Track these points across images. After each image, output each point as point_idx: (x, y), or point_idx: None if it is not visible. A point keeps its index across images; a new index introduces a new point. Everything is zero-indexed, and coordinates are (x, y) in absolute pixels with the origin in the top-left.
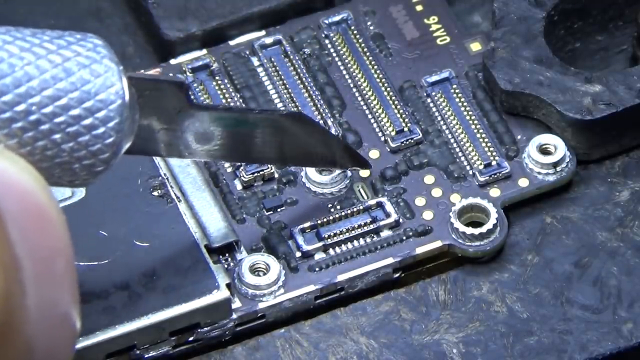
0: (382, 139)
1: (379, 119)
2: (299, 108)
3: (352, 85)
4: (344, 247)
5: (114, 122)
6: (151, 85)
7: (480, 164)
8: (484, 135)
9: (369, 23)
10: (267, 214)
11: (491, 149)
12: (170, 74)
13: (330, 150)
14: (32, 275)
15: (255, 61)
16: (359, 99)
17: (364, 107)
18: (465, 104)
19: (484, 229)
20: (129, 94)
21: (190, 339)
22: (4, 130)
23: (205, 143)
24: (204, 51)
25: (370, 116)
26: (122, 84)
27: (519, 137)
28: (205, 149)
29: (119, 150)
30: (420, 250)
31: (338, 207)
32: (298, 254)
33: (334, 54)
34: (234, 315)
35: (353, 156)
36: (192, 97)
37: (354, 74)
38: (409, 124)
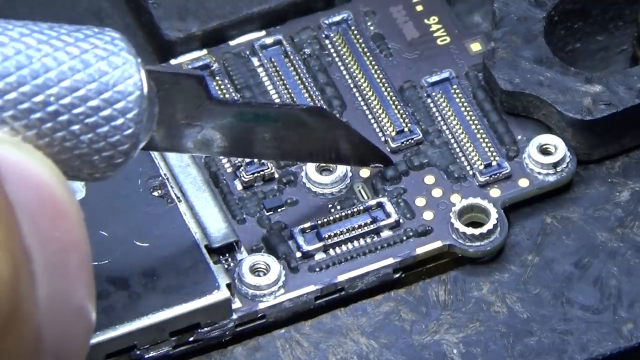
0: (383, 139)
1: (379, 119)
2: None
3: (352, 85)
4: (344, 248)
5: (132, 113)
6: (170, 79)
7: (481, 164)
8: (484, 136)
9: (369, 23)
10: (267, 214)
11: (491, 149)
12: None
13: (352, 146)
14: (43, 267)
15: (255, 61)
16: (359, 99)
17: (364, 108)
18: (465, 104)
19: (484, 229)
20: (148, 86)
21: (191, 339)
22: (22, 121)
23: (224, 139)
24: (204, 51)
25: (370, 116)
26: (140, 76)
27: (519, 137)
28: (225, 145)
29: (138, 142)
30: (420, 250)
31: (338, 207)
32: (298, 254)
33: (334, 54)
34: (234, 316)
35: (374, 152)
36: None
37: (354, 74)
38: (409, 124)
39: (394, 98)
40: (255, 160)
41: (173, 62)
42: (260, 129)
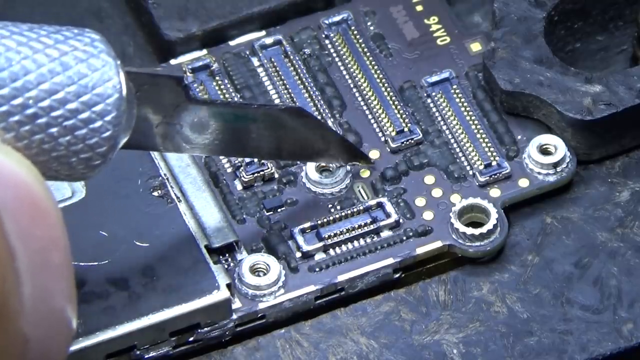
0: (383, 139)
1: (379, 119)
2: None
3: (352, 85)
4: (344, 248)
5: (111, 115)
6: (149, 80)
7: (481, 164)
8: (484, 136)
9: (369, 23)
10: (267, 214)
11: (491, 149)
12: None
13: (330, 144)
14: (27, 265)
15: (255, 61)
16: (359, 99)
17: (364, 108)
18: (465, 104)
19: (484, 229)
20: (127, 87)
21: (191, 339)
22: (1, 123)
23: (202, 137)
24: (204, 51)
25: (370, 116)
26: (119, 78)
27: (519, 137)
28: (204, 143)
29: (116, 144)
30: (420, 250)
31: (338, 207)
32: (298, 254)
33: (334, 54)
34: (234, 316)
35: (353, 151)
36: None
37: (354, 74)
38: (409, 124)
39: (394, 98)
40: (255, 160)
41: (173, 62)
42: (240, 128)
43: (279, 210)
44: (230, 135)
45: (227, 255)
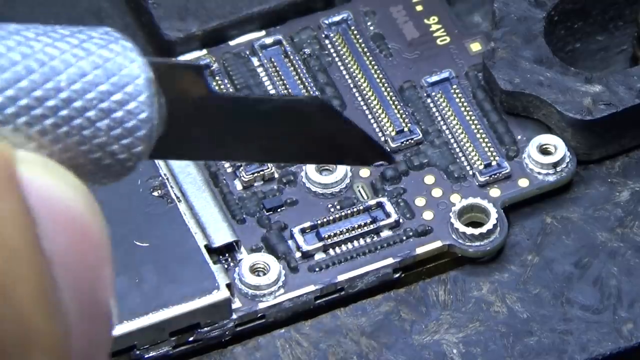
0: (382, 139)
1: (379, 119)
2: None
3: (352, 85)
4: (344, 247)
5: (143, 114)
6: (167, 70)
7: (481, 164)
8: (484, 136)
9: (369, 23)
10: (267, 214)
11: (491, 149)
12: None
13: (353, 141)
14: (76, 316)
15: (255, 61)
16: (359, 99)
17: (364, 107)
18: (465, 104)
19: (484, 229)
20: (155, 85)
21: (190, 339)
22: (36, 126)
23: (223, 140)
24: (204, 51)
25: (370, 116)
26: (147, 75)
27: (519, 137)
28: (218, 147)
29: (150, 143)
30: (420, 250)
31: (338, 207)
32: (298, 254)
33: (334, 54)
34: (234, 316)
35: (376, 149)
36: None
37: (354, 74)
38: (409, 124)
39: (394, 98)
40: None
41: None
42: (261, 125)
43: (279, 210)
44: (253, 136)
45: (227, 255)
